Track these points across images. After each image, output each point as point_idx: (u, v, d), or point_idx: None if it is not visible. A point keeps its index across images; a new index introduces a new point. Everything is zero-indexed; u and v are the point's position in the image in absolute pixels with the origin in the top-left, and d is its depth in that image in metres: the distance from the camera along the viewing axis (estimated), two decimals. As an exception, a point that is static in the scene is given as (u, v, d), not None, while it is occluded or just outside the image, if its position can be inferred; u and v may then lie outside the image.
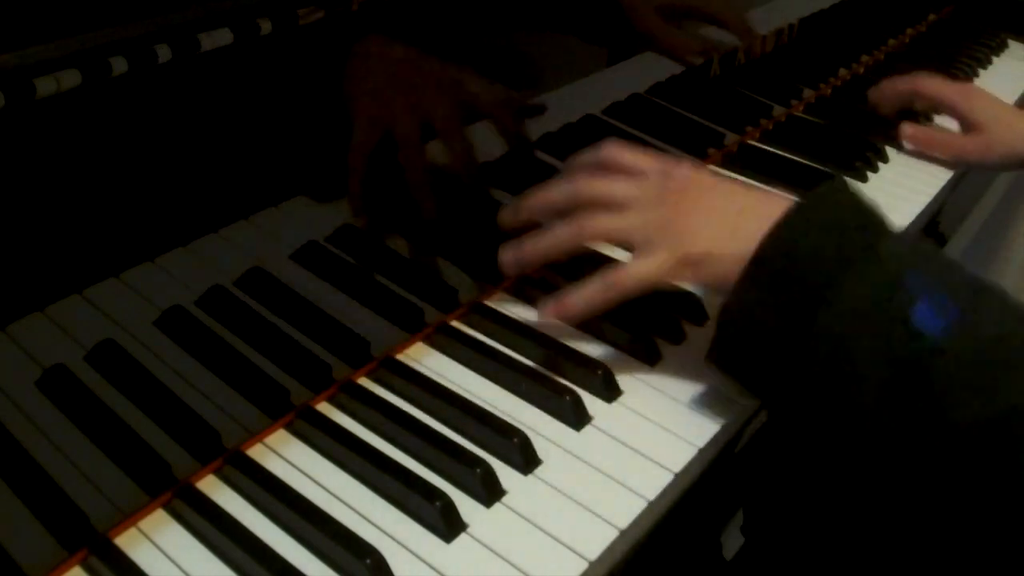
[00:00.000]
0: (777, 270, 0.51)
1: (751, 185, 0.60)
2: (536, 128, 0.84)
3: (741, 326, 0.53)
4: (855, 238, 0.51)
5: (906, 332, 0.48)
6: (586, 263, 0.64)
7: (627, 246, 0.58)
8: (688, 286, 0.63)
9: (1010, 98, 1.15)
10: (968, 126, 0.92)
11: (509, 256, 0.61)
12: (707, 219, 0.55)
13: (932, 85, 0.96)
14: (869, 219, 0.53)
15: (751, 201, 0.56)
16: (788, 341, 0.50)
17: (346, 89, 0.63)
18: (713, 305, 0.69)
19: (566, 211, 0.60)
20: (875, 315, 0.48)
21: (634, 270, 0.57)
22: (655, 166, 0.59)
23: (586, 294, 0.58)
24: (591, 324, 0.66)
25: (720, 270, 0.54)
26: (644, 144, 0.89)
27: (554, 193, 0.61)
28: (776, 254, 0.51)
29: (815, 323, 0.49)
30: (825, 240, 0.50)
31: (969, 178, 1.00)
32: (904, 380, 0.47)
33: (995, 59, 1.27)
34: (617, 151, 0.61)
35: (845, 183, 0.54)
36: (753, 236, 0.52)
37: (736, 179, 0.62)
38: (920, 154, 0.96)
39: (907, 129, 0.92)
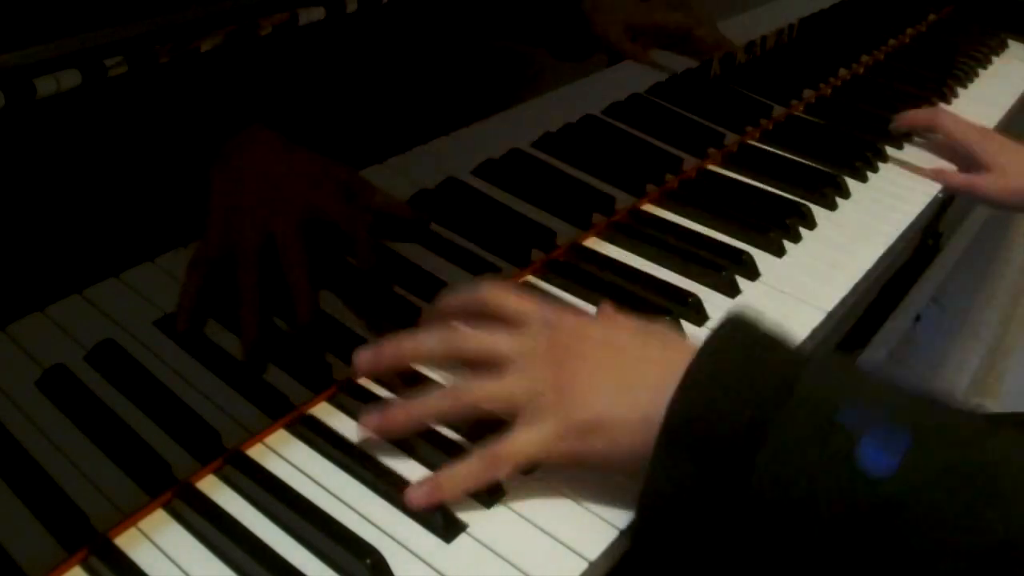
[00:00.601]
0: (693, 439, 0.45)
1: (641, 326, 0.53)
2: (535, 129, 0.84)
3: (668, 504, 0.47)
4: (769, 383, 0.45)
5: (855, 479, 0.42)
6: None
7: (509, 415, 0.51)
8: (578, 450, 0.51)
9: (1010, 98, 1.15)
10: (986, 167, 0.93)
11: (373, 424, 0.53)
12: (598, 380, 0.49)
13: (952, 124, 0.97)
14: (780, 355, 0.48)
15: (645, 354, 0.51)
16: (726, 513, 0.45)
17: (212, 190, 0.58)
18: (715, 306, 0.69)
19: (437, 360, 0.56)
20: (815, 469, 0.43)
21: (518, 446, 0.49)
22: (538, 314, 0.53)
23: (465, 472, 0.50)
24: None
25: (613, 439, 0.48)
26: (644, 144, 0.89)
27: (427, 344, 0.54)
28: (688, 420, 0.45)
29: (750, 489, 0.44)
30: (737, 395, 0.45)
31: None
32: (869, 533, 0.42)
33: (995, 59, 1.27)
34: (497, 294, 0.55)
35: (742, 316, 0.50)
36: (651, 399, 0.47)
37: (622, 321, 0.54)
38: (920, 154, 0.97)
39: (928, 172, 0.93)
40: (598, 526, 0.51)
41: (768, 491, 0.43)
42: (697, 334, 0.67)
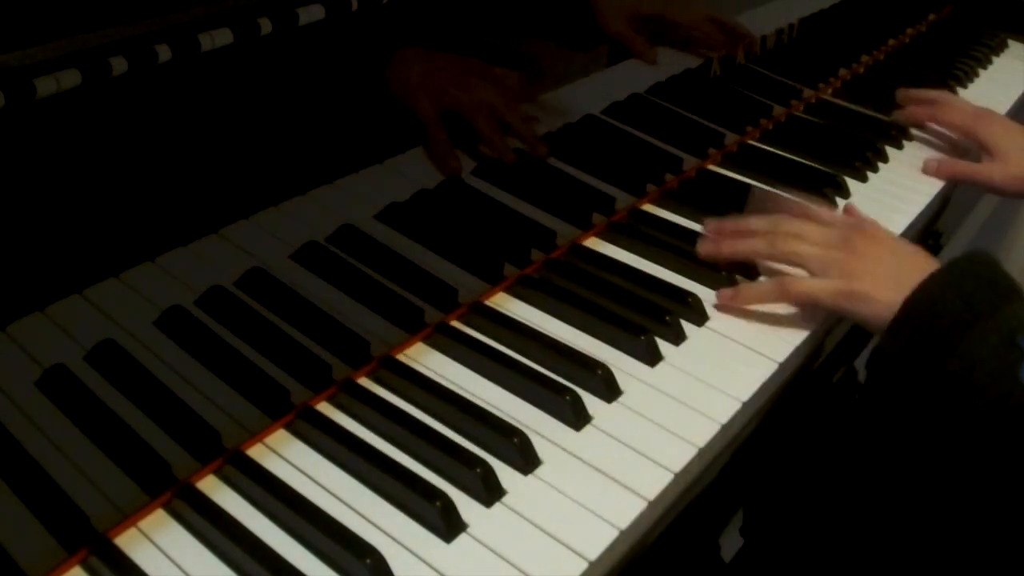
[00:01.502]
0: (916, 324, 0.62)
1: (909, 247, 0.70)
2: (535, 129, 0.84)
3: (889, 363, 0.63)
4: (983, 300, 0.61)
5: (1014, 385, 0.57)
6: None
7: (808, 268, 0.69)
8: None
9: (1010, 98, 1.15)
10: (987, 152, 0.92)
11: (707, 248, 0.72)
12: (874, 267, 0.66)
13: (950, 113, 0.96)
14: (997, 285, 0.62)
15: (909, 260, 0.67)
16: (922, 380, 0.61)
17: (403, 88, 0.75)
18: (712, 304, 0.69)
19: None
20: (992, 368, 0.58)
21: (807, 285, 0.68)
22: (842, 219, 0.73)
23: (761, 290, 0.69)
24: (593, 325, 0.66)
25: (872, 310, 0.65)
26: (644, 144, 0.89)
27: (757, 223, 0.72)
28: (917, 310, 0.62)
29: (944, 369, 0.59)
30: (956, 302, 0.61)
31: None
32: (1012, 426, 0.57)
33: (995, 59, 1.27)
34: (817, 207, 0.74)
35: (984, 254, 0.64)
36: (905, 290, 0.62)
37: (897, 238, 0.73)
38: (921, 154, 0.97)
39: (931, 164, 0.93)
40: (598, 526, 0.51)
41: (957, 373, 0.59)
42: (697, 334, 0.67)
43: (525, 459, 0.55)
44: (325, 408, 0.58)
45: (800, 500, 0.78)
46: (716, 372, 0.63)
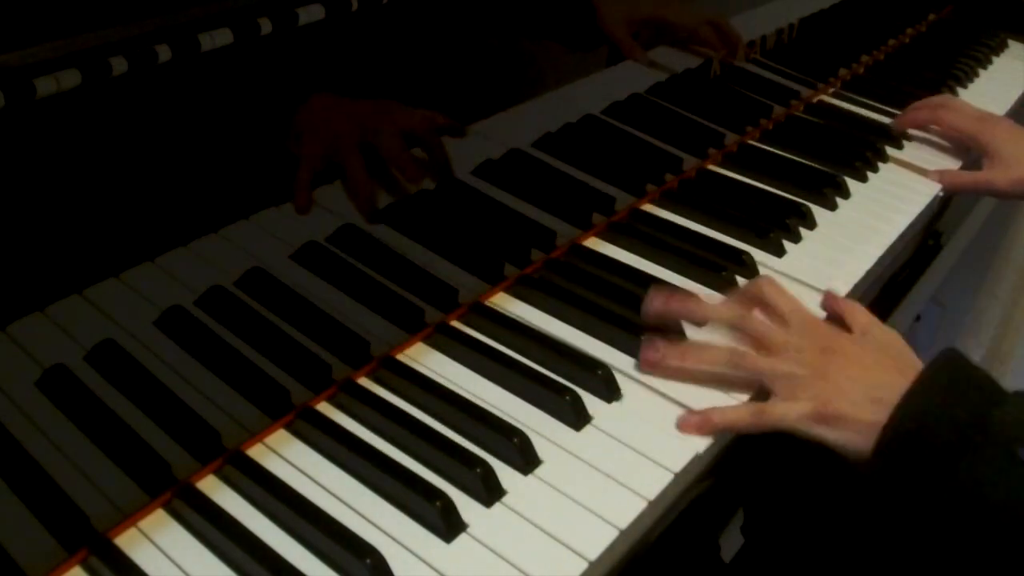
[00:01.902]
0: (904, 451, 0.57)
1: (881, 346, 0.64)
2: (535, 129, 0.84)
3: (880, 489, 0.59)
4: (972, 414, 0.56)
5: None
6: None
7: (766, 389, 0.63)
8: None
9: (1010, 98, 1.15)
10: (988, 156, 0.92)
11: (649, 353, 0.63)
12: (846, 385, 0.60)
13: (953, 116, 0.96)
14: (982, 390, 0.58)
15: (884, 370, 0.62)
16: (924, 506, 0.57)
17: (297, 134, 0.68)
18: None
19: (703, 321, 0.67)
20: (999, 485, 0.55)
21: (780, 410, 0.61)
22: (801, 316, 0.65)
23: (733, 415, 0.61)
24: (593, 325, 0.66)
25: (847, 436, 0.59)
26: (644, 144, 0.89)
27: (719, 312, 0.66)
28: (902, 437, 0.57)
29: (947, 490, 0.55)
30: (945, 423, 0.56)
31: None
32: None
33: (995, 59, 1.27)
34: (773, 291, 0.66)
35: (955, 353, 0.60)
36: (885, 409, 0.58)
37: (870, 333, 0.66)
38: (922, 154, 0.97)
39: (935, 174, 0.92)
40: (598, 526, 0.51)
41: (961, 494, 0.55)
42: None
43: (525, 459, 0.55)
44: (325, 408, 0.58)
45: (800, 500, 0.78)
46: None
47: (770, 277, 0.69)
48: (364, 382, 0.60)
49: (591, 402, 0.59)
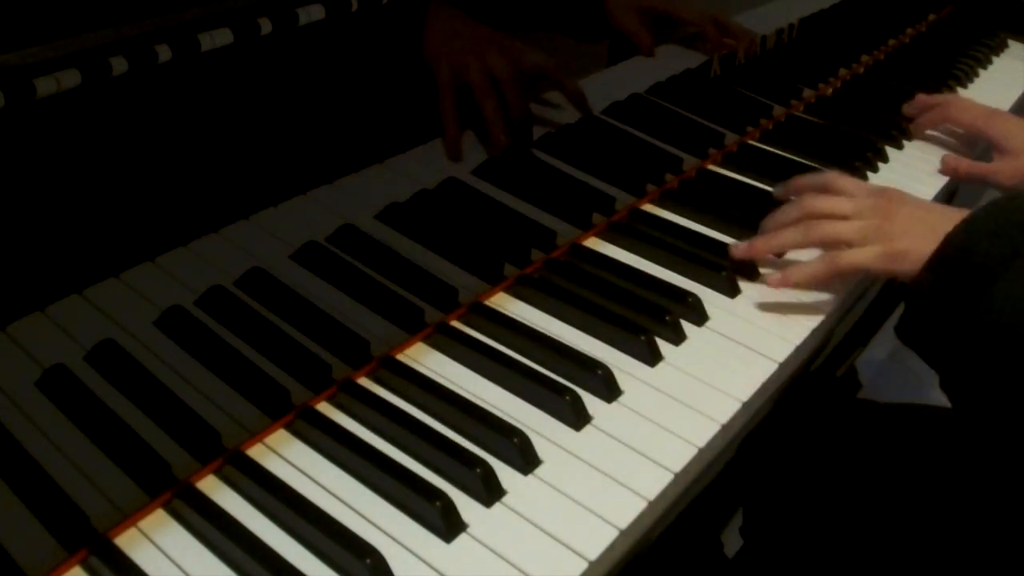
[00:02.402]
0: (953, 263, 0.62)
1: (936, 204, 0.71)
2: (536, 129, 0.84)
3: (925, 307, 0.64)
4: (1018, 237, 0.61)
5: None
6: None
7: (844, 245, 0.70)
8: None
9: (1010, 98, 1.15)
10: (997, 150, 0.92)
11: (741, 250, 0.73)
12: (910, 226, 0.68)
13: (961, 114, 0.96)
14: None
15: (943, 213, 0.68)
16: (958, 322, 0.61)
17: (428, 51, 0.77)
18: (715, 305, 0.69)
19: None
20: None
21: (852, 256, 0.68)
22: (867, 188, 0.74)
23: (810, 269, 0.70)
24: (593, 325, 0.66)
25: (916, 266, 0.65)
26: (644, 144, 0.89)
27: (788, 215, 0.73)
28: (952, 252, 0.63)
29: (980, 309, 0.59)
30: (991, 239, 0.61)
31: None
32: None
33: (995, 59, 1.27)
34: (837, 177, 0.75)
35: (1019, 196, 0.65)
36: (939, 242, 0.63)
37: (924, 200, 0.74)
38: (923, 153, 0.97)
39: (949, 161, 0.93)
40: (598, 526, 0.51)
41: (992, 315, 0.59)
42: (697, 334, 0.67)
43: (525, 459, 0.55)
44: (325, 408, 0.58)
45: (800, 500, 0.78)
46: (716, 372, 0.63)
47: (834, 172, 0.77)
48: (364, 382, 0.60)
49: (591, 402, 0.59)
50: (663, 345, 0.65)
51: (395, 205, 0.73)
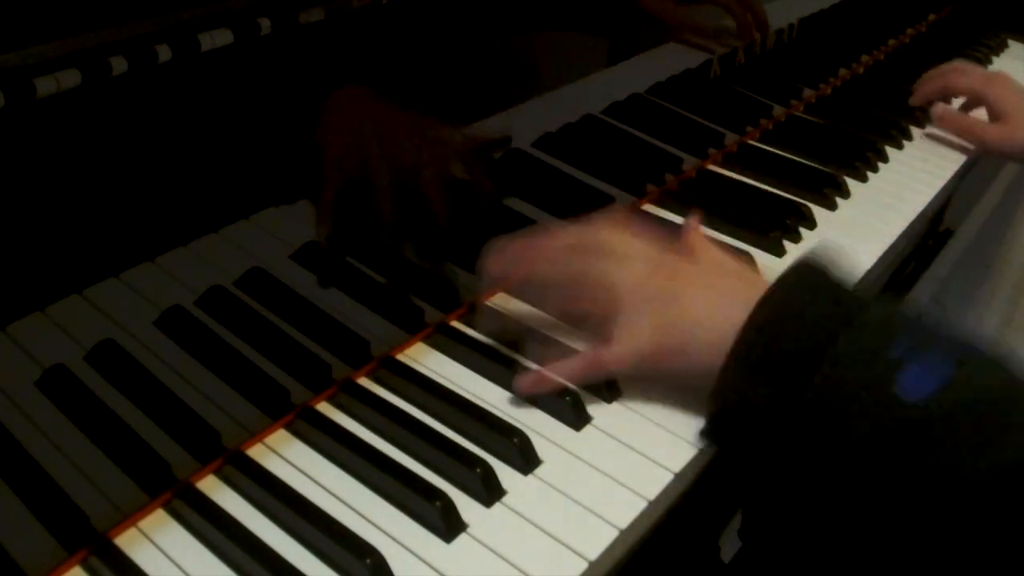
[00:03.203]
0: (759, 358, 0.51)
1: (722, 264, 0.60)
2: (535, 129, 0.84)
3: (733, 416, 0.54)
4: (831, 316, 0.51)
5: (889, 402, 0.47)
6: None
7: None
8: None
9: (1010, 98, 1.15)
10: (994, 114, 0.93)
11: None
12: (690, 310, 0.56)
13: (960, 79, 0.96)
14: (844, 293, 0.53)
15: (728, 289, 0.57)
16: (779, 417, 0.51)
17: (321, 134, 0.65)
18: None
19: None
20: (858, 392, 0.48)
21: (614, 353, 0.58)
22: (644, 252, 0.60)
23: (564, 369, 0.59)
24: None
25: (691, 360, 0.55)
26: (644, 144, 0.89)
27: (555, 268, 0.62)
28: (756, 342, 0.51)
29: (804, 407, 0.49)
30: (801, 324, 0.51)
31: (970, 177, 1.00)
32: (899, 444, 0.47)
33: (995, 59, 1.27)
34: (609, 232, 0.61)
35: (816, 260, 0.55)
36: (729, 327, 0.53)
37: (710, 256, 0.61)
38: (923, 152, 0.97)
39: (938, 110, 0.93)
40: (598, 526, 0.51)
41: (818, 409, 0.49)
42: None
43: (525, 459, 0.55)
44: (325, 408, 0.58)
45: (799, 501, 0.78)
46: (716, 372, 0.63)
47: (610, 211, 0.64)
48: (364, 382, 0.60)
49: (591, 402, 0.59)
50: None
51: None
